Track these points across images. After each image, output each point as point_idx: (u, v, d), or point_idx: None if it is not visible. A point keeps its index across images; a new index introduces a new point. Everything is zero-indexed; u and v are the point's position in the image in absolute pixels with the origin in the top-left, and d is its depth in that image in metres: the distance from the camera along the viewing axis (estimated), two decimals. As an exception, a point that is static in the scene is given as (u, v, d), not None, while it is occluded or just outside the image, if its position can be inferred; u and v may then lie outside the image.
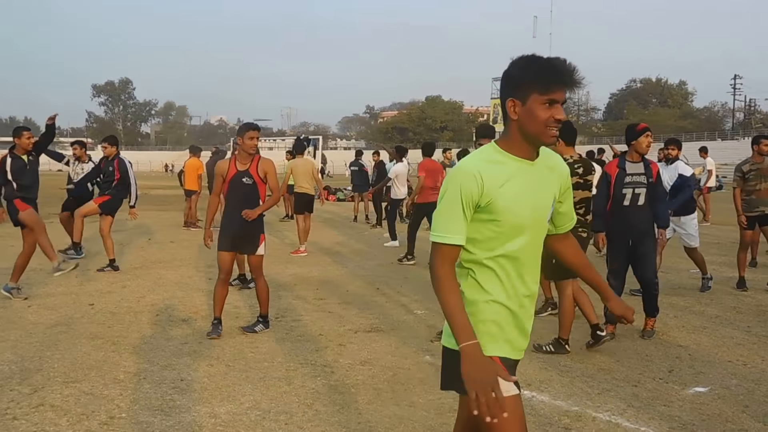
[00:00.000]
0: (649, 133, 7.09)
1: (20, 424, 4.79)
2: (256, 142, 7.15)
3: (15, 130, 9.20)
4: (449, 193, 2.70)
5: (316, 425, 4.84)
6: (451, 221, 2.69)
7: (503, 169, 2.71)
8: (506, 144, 2.75)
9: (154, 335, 7.18)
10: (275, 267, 11.42)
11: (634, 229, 7.09)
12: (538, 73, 2.62)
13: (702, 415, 5.10)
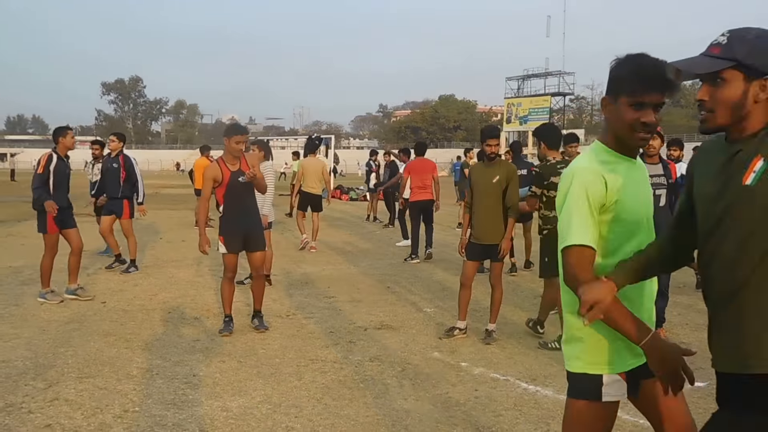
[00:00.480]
0: (656, 135, 7.06)
1: (35, 417, 4.90)
2: (242, 147, 7.25)
3: (58, 130, 8.91)
4: (574, 197, 2.61)
5: (325, 418, 4.93)
6: (581, 224, 2.58)
7: (617, 167, 2.67)
8: (609, 143, 2.72)
9: (166, 332, 7.29)
10: (287, 266, 11.54)
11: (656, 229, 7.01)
12: (628, 74, 2.58)
13: (698, 409, 5.14)
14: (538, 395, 5.49)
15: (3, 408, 5.05)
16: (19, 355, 6.35)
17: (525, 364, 6.31)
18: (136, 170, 11.19)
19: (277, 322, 7.67)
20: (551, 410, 5.15)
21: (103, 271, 10.99)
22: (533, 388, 5.64)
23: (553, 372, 6.05)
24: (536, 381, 5.82)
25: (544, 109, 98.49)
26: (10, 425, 4.76)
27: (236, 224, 7.21)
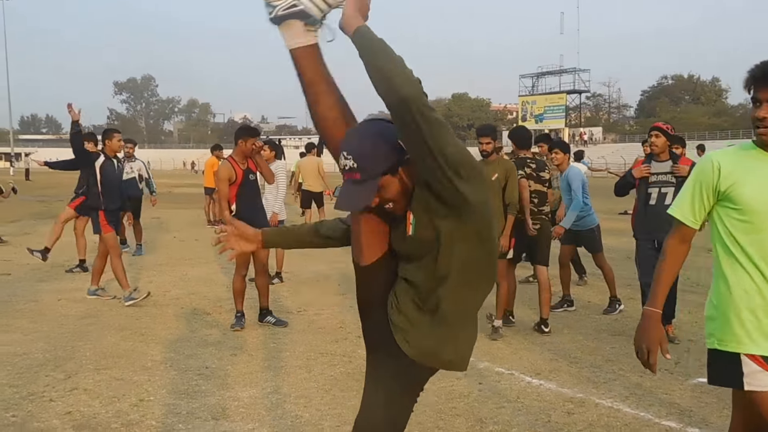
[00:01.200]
0: (656, 132, 7.04)
1: (56, 405, 5.12)
2: (253, 145, 7.52)
3: (105, 132, 9.11)
4: (690, 178, 3.08)
5: (333, 408, 5.13)
6: (685, 201, 3.06)
7: (748, 159, 2.91)
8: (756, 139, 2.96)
9: (178, 327, 7.50)
10: (297, 263, 11.72)
11: (661, 230, 6.94)
12: (750, 72, 2.83)
13: (700, 403, 5.32)
14: (542, 388, 5.66)
15: (26, 396, 5.28)
16: (38, 348, 6.58)
17: (530, 359, 6.47)
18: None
19: (288, 318, 7.85)
20: (553, 403, 5.32)
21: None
22: (537, 381, 5.81)
23: (558, 367, 6.22)
24: (540, 375, 5.98)
25: (559, 107, 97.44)
26: (33, 412, 4.99)
27: (247, 221, 7.37)
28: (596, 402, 5.33)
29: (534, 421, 4.95)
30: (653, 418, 5.03)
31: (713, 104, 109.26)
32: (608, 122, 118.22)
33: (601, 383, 5.77)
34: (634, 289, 9.58)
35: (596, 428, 4.83)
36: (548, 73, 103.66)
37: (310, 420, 4.93)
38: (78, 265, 10.93)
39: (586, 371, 6.10)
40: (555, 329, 7.46)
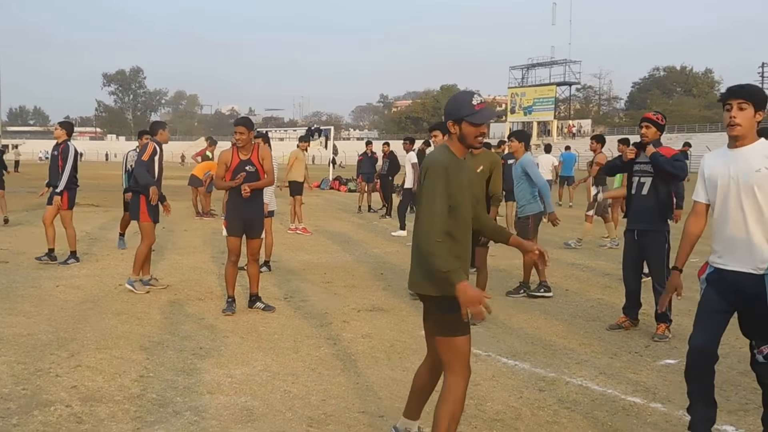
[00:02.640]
0: (646, 123, 7.19)
1: (63, 380, 5.49)
2: (239, 137, 7.68)
3: (157, 124, 9.50)
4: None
5: (319, 384, 5.51)
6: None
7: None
8: None
9: (173, 312, 7.85)
10: (285, 254, 12.11)
11: (637, 220, 7.18)
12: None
13: (665, 382, 5.73)
14: (516, 368, 6.05)
15: (33, 372, 5.64)
16: (42, 330, 6.93)
17: (507, 343, 6.86)
18: (69, 161, 10.67)
19: (276, 304, 8.20)
20: (526, 381, 5.71)
21: (113, 256, 11.58)
22: (512, 362, 6.20)
23: (533, 349, 6.61)
24: (516, 357, 6.37)
25: (549, 99, 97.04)
26: (41, 386, 5.35)
27: (238, 210, 7.75)
28: (567, 380, 5.72)
29: (507, 397, 5.34)
30: (619, 394, 5.43)
31: (705, 96, 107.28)
32: (598, 114, 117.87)
33: (573, 364, 6.17)
34: (611, 278, 10.05)
35: (565, 403, 5.22)
36: (539, 65, 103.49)
37: (298, 395, 5.30)
38: (46, 254, 10.90)
39: (559, 353, 6.50)
40: (532, 315, 7.87)
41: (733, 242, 4.23)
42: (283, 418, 4.85)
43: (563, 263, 11.62)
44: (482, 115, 3.79)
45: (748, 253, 4.16)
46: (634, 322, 7.40)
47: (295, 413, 4.94)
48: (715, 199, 4.31)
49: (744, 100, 4.08)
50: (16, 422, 4.65)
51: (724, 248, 4.30)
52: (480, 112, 3.78)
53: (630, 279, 7.40)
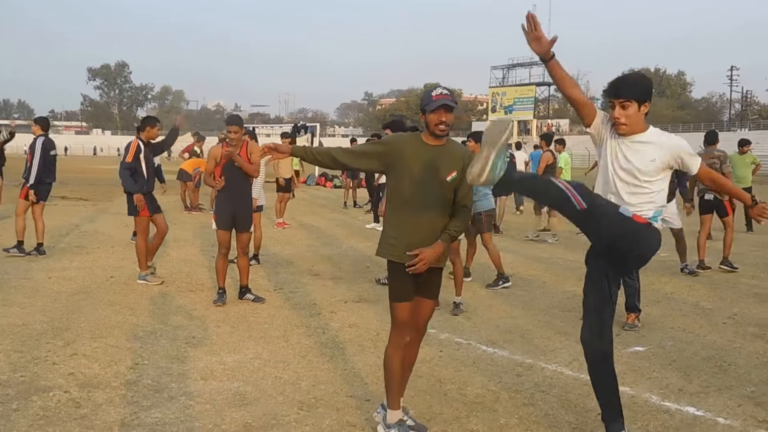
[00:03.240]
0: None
1: (59, 367, 5.72)
2: (233, 135, 7.92)
3: (150, 119, 9.57)
4: None
5: (309, 371, 5.77)
6: None
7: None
8: None
9: (165, 303, 8.09)
10: (274, 247, 12.37)
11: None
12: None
13: (633, 368, 6.03)
14: (495, 355, 6.33)
15: (30, 360, 5.87)
16: (36, 320, 7.14)
17: (486, 332, 7.14)
18: (37, 155, 10.83)
19: (266, 295, 8.45)
20: (504, 367, 6.00)
21: (104, 249, 11.78)
22: (492, 350, 6.48)
23: (511, 338, 6.89)
24: (495, 345, 6.66)
25: (529, 99, 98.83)
26: (39, 373, 5.57)
27: (227, 203, 7.99)
28: (543, 366, 6.02)
29: (487, 382, 5.62)
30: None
31: (678, 97, 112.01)
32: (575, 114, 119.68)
33: (548, 351, 6.46)
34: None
35: (541, 387, 5.51)
36: (519, 65, 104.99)
37: (288, 380, 5.56)
38: (15, 246, 10.97)
39: (536, 341, 6.79)
40: (511, 306, 8.18)
41: None
42: (275, 402, 5.10)
43: (541, 257, 11.97)
44: (436, 102, 4.27)
45: None
46: None
47: (286, 397, 5.19)
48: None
49: (626, 99, 4.12)
50: (16, 407, 4.87)
51: None
52: (435, 101, 4.26)
53: None
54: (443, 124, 4.30)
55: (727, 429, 4.74)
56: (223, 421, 4.73)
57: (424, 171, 4.30)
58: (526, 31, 4.12)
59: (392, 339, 4.52)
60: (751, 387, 5.57)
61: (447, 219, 4.39)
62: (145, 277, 9.11)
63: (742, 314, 7.95)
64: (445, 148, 4.42)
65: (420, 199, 4.30)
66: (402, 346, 4.52)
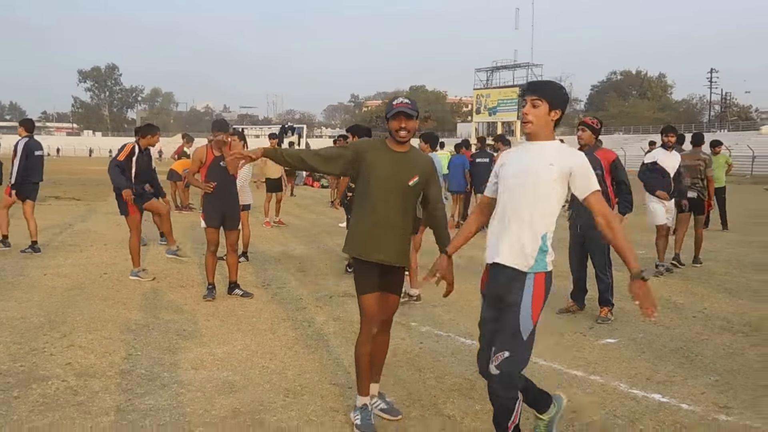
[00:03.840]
0: (582, 127, 7.84)
1: (57, 358, 6.00)
2: (220, 138, 8.27)
3: (150, 128, 9.87)
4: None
5: (295, 361, 6.07)
6: None
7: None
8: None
9: (157, 298, 8.36)
10: (262, 245, 12.65)
11: (580, 216, 7.82)
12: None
13: (605, 357, 6.35)
14: (473, 347, 6.57)
15: (29, 351, 6.14)
16: (33, 313, 7.42)
17: (465, 325, 7.44)
18: (19, 155, 11.16)
19: (254, 291, 8.72)
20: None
21: (96, 246, 12.05)
22: (470, 342, 6.78)
23: (488, 331, 7.19)
24: (473, 337, 6.91)
25: (512, 101, 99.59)
26: (37, 363, 5.85)
27: (214, 202, 8.28)
28: (518, 357, 6.31)
29: (464, 371, 5.92)
30: (563, 368, 6.04)
31: (659, 99, 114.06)
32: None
33: (524, 343, 6.76)
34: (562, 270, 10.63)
35: (515, 376, 5.81)
36: (502, 68, 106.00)
37: (275, 370, 5.85)
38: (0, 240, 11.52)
39: (513, 334, 7.08)
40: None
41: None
42: (262, 389, 5.39)
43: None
44: (395, 110, 4.51)
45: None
46: (581, 306, 8.03)
47: (273, 385, 5.48)
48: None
49: (538, 98, 3.97)
50: (17, 394, 5.15)
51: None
52: (395, 108, 4.50)
53: (576, 268, 8.10)
54: (403, 130, 4.53)
55: (690, 414, 5.05)
56: (213, 407, 5.01)
57: (387, 175, 4.56)
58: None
59: (362, 330, 4.81)
60: (716, 376, 5.88)
61: (409, 220, 4.67)
62: (137, 274, 9.38)
63: (711, 308, 8.28)
64: (407, 155, 4.64)
65: (383, 201, 4.56)
66: (370, 337, 4.79)
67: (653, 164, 10.30)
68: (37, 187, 11.57)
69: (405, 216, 4.66)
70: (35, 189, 11.52)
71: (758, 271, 10.82)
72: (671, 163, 10.23)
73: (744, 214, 19.83)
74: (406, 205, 4.66)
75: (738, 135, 70.89)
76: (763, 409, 5.12)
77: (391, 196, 4.58)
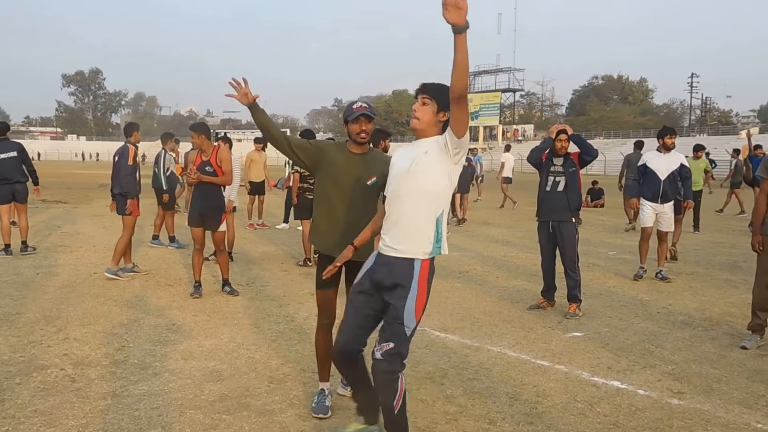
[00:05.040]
0: (561, 136, 8.30)
1: (54, 349, 6.36)
2: (194, 141, 8.73)
3: (134, 126, 10.38)
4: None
5: (278, 352, 6.46)
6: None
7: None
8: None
9: (146, 295, 8.72)
10: (246, 245, 13.05)
11: (554, 213, 8.31)
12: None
13: (570, 349, 6.77)
14: (447, 339, 7.04)
15: (27, 344, 6.50)
16: (28, 309, 7.78)
17: (440, 319, 7.84)
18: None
19: (239, 289, 9.08)
20: (454, 349, 6.70)
21: (86, 248, 12.42)
22: (443, 335, 7.18)
23: (462, 324, 7.60)
24: (447, 330, 7.36)
25: (494, 105, 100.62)
26: (36, 354, 6.22)
27: (196, 203, 8.71)
28: (488, 348, 6.73)
29: (437, 361, 6.32)
30: (530, 359, 6.45)
31: (640, 104, 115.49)
32: (540, 120, 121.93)
33: (495, 336, 7.19)
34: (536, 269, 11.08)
35: (485, 365, 6.22)
36: (485, 72, 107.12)
37: (260, 360, 6.23)
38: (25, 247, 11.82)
39: (485, 328, 7.51)
40: (464, 297, 8.91)
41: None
42: (248, 377, 5.77)
43: (495, 256, 12.75)
44: (356, 113, 4.81)
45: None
46: (551, 303, 8.47)
47: (258, 374, 5.86)
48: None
49: (428, 96, 4.03)
50: (19, 381, 5.50)
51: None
52: (356, 112, 4.79)
53: (547, 265, 8.48)
54: (363, 133, 4.86)
55: (645, 399, 5.46)
56: (203, 392, 5.38)
57: (346, 175, 4.82)
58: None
59: (318, 322, 5.21)
60: (673, 366, 6.31)
61: (369, 218, 4.76)
62: (115, 272, 9.70)
63: (675, 305, 8.73)
64: (365, 156, 4.93)
65: (342, 201, 4.82)
66: (323, 328, 5.19)
67: (644, 167, 10.39)
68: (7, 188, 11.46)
69: (365, 214, 4.81)
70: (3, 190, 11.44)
71: (723, 270, 11.32)
72: (664, 165, 10.22)
73: (716, 217, 20.40)
74: (366, 203, 4.86)
75: (717, 139, 71.84)
76: (714, 394, 5.56)
77: (351, 195, 4.82)
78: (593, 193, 25.45)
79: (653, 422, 4.97)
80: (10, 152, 11.47)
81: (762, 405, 5.33)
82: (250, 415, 4.95)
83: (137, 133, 10.25)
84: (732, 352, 6.74)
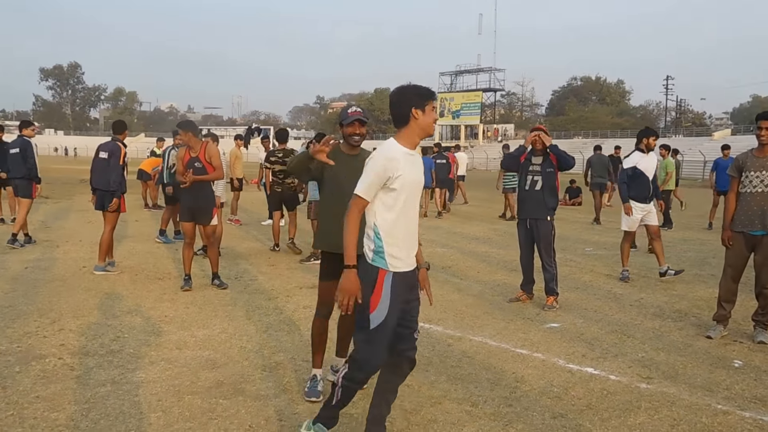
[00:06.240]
0: (536, 133, 8.60)
1: (50, 340, 6.58)
2: (182, 138, 9.09)
3: (124, 124, 10.62)
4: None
5: (269, 342, 6.72)
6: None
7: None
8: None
9: (137, 289, 8.95)
10: (233, 241, 13.30)
11: (533, 211, 8.59)
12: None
13: (548, 339, 7.09)
14: (431, 330, 7.33)
15: (23, 335, 6.72)
16: (21, 302, 7.99)
17: (424, 312, 7.86)
18: None
19: (228, 283, 9.34)
20: (438, 339, 7.00)
21: (72, 243, 12.60)
22: (428, 326, 7.46)
23: (445, 316, 7.90)
24: (431, 321, 7.64)
25: (475, 104, 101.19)
26: (33, 344, 6.44)
27: (185, 199, 8.97)
28: (470, 338, 7.03)
29: (422, 350, 6.55)
30: (510, 347, 6.76)
31: (617, 105, 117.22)
32: (521, 119, 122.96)
33: (476, 327, 7.49)
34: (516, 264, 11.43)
35: (467, 354, 6.52)
36: (466, 72, 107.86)
37: (252, 349, 6.50)
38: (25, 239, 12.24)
39: (467, 319, 7.81)
40: (447, 291, 9.20)
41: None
42: (241, 366, 6.03)
43: (477, 252, 13.10)
44: (351, 118, 5.22)
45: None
46: (530, 296, 8.79)
47: (251, 362, 6.13)
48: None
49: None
50: (19, 370, 5.73)
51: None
52: (351, 116, 5.19)
53: (526, 260, 8.79)
54: (358, 135, 5.24)
55: (616, 383, 5.79)
56: (199, 379, 5.64)
57: (343, 176, 5.13)
58: None
59: (317, 310, 5.62)
60: (642, 353, 6.65)
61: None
62: (104, 269, 9.91)
63: (647, 299, 9.09)
64: (358, 157, 5.20)
65: (341, 200, 4.92)
66: (321, 317, 5.59)
67: (633, 169, 10.47)
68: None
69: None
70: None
71: (693, 266, 11.71)
72: (650, 165, 10.46)
73: (689, 215, 20.85)
74: None
75: (692, 140, 72.96)
76: (680, 379, 5.90)
77: (348, 194, 5.02)
78: (571, 192, 25.92)
79: (623, 404, 5.30)
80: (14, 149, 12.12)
81: (722, 389, 5.70)
82: (246, 399, 5.22)
83: (126, 132, 10.45)
84: (698, 342, 7.11)
